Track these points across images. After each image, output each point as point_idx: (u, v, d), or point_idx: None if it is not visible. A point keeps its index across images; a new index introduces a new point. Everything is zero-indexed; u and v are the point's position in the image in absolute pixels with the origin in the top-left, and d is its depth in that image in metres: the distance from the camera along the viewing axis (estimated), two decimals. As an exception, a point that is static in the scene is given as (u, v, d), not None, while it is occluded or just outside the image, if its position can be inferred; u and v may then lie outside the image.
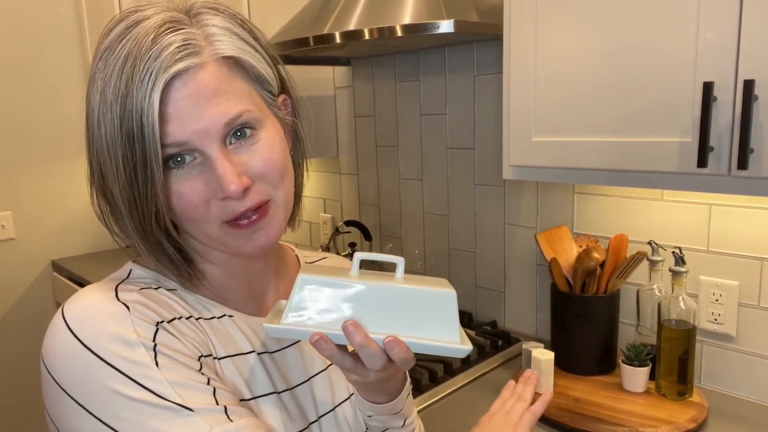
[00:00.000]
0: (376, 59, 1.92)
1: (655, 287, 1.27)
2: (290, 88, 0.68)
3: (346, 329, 0.57)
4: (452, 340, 0.60)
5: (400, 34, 1.29)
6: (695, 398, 1.20)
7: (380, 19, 1.32)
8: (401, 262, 0.63)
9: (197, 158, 0.58)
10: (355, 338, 0.57)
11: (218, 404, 0.56)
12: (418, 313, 0.60)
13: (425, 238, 1.88)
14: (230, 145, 0.59)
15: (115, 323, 0.55)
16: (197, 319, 0.63)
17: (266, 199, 0.61)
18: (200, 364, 0.59)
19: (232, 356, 0.64)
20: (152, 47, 0.55)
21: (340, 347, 0.59)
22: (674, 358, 1.19)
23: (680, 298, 1.19)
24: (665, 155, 0.96)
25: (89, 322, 0.55)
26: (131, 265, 0.66)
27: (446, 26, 1.25)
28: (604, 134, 1.04)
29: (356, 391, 0.73)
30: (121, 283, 0.62)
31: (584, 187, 1.44)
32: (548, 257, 1.37)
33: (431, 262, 1.88)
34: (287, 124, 0.67)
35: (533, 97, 1.12)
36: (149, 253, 0.61)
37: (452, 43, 1.65)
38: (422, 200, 1.86)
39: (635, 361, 1.23)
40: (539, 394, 0.82)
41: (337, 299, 0.59)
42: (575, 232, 1.47)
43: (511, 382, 0.84)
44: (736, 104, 0.87)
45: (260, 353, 0.67)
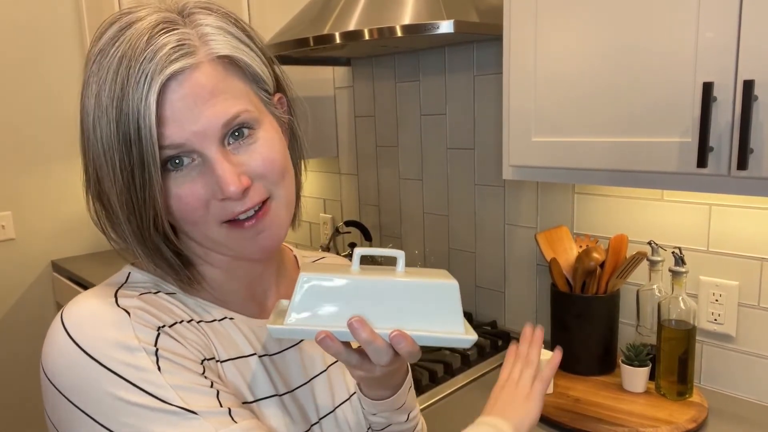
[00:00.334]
0: (376, 59, 1.92)
1: (655, 287, 1.27)
2: (286, 86, 0.68)
3: (351, 326, 0.57)
4: (457, 330, 0.60)
5: (400, 34, 1.29)
6: (695, 398, 1.20)
7: (380, 19, 1.32)
8: (402, 255, 0.63)
9: (196, 160, 0.57)
10: (361, 334, 0.57)
11: (222, 406, 0.56)
12: (421, 305, 0.60)
13: (425, 238, 1.88)
14: (228, 145, 0.58)
15: (115, 329, 0.54)
16: (198, 322, 0.63)
17: (266, 197, 0.60)
18: (203, 367, 0.58)
19: (233, 359, 0.63)
20: (147, 48, 0.54)
21: (345, 344, 0.59)
22: (674, 358, 1.19)
23: (680, 298, 1.19)
24: (665, 155, 0.96)
25: (89, 328, 0.54)
26: (129, 268, 0.66)
27: (446, 26, 1.25)
28: (604, 134, 1.04)
29: (359, 388, 0.73)
30: (120, 288, 0.61)
31: (584, 187, 1.44)
32: (548, 257, 1.37)
33: (431, 262, 1.88)
34: (284, 122, 0.67)
35: (533, 97, 1.12)
36: (147, 257, 0.61)
37: (452, 43, 1.65)
38: (422, 200, 1.86)
39: (635, 361, 1.23)
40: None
41: (339, 296, 0.59)
42: (575, 232, 1.47)
43: (513, 345, 0.79)
44: (735, 104, 0.87)
45: (261, 356, 0.67)
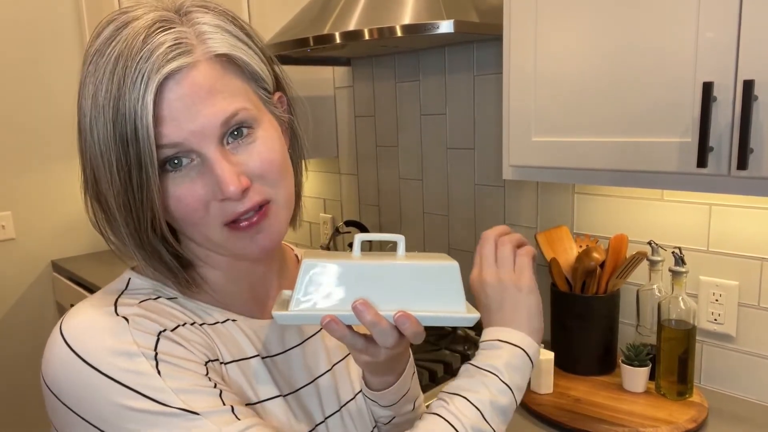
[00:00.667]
0: (376, 59, 1.92)
1: (655, 287, 1.27)
2: (285, 85, 0.67)
3: (356, 309, 0.57)
4: (459, 310, 0.61)
5: (400, 34, 1.29)
6: (695, 398, 1.20)
7: (380, 19, 1.32)
8: (402, 240, 0.64)
9: (194, 160, 0.57)
10: (366, 317, 0.57)
11: (224, 405, 0.56)
12: (423, 287, 0.60)
13: (425, 238, 1.88)
14: (227, 144, 0.58)
15: (114, 337, 0.54)
16: (201, 325, 0.62)
17: (266, 199, 0.60)
18: (207, 369, 0.58)
19: (237, 361, 0.63)
20: (143, 48, 0.53)
21: (349, 328, 0.59)
22: (674, 358, 1.19)
23: (680, 298, 1.19)
24: (665, 155, 0.96)
25: (89, 338, 0.54)
26: (130, 273, 0.65)
27: (446, 26, 1.25)
28: (603, 134, 1.04)
29: (364, 380, 0.73)
30: (120, 296, 0.60)
31: (584, 187, 1.44)
32: (548, 257, 1.37)
33: (431, 262, 1.87)
34: (284, 121, 0.66)
35: (533, 97, 1.12)
36: (145, 261, 0.60)
37: (452, 43, 1.65)
38: (422, 200, 1.86)
39: (635, 361, 1.23)
40: None
41: (343, 281, 0.60)
42: (575, 232, 1.47)
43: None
44: (735, 104, 0.87)
45: (264, 357, 0.66)
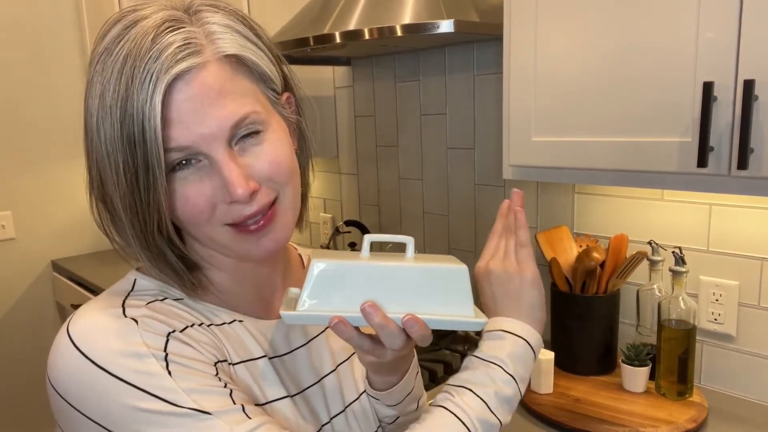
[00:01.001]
0: (376, 59, 1.92)
1: (655, 287, 1.27)
2: (294, 85, 0.66)
3: (364, 311, 0.57)
4: (467, 314, 0.60)
5: (400, 34, 1.29)
6: (695, 398, 1.20)
7: (380, 19, 1.32)
8: (411, 241, 0.63)
9: (202, 161, 0.56)
10: (374, 319, 0.57)
11: (235, 404, 0.55)
12: (431, 290, 0.60)
13: (425, 238, 1.88)
14: (235, 146, 0.57)
15: (123, 339, 0.54)
16: (209, 325, 0.62)
17: (273, 200, 0.60)
18: (216, 368, 0.58)
19: (244, 362, 0.63)
20: (152, 47, 0.52)
21: (356, 329, 0.59)
22: (674, 358, 1.19)
23: (680, 298, 1.19)
24: (665, 155, 0.96)
25: (97, 339, 0.54)
26: (135, 274, 0.65)
27: (446, 26, 1.25)
28: (603, 134, 1.04)
29: (368, 381, 0.73)
30: (127, 297, 0.60)
31: (584, 187, 1.44)
32: (548, 257, 1.37)
33: (431, 262, 1.87)
34: (292, 122, 0.65)
35: (533, 97, 1.12)
36: (151, 262, 0.60)
37: (452, 43, 1.64)
38: (422, 200, 1.86)
39: (635, 361, 1.23)
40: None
41: (351, 282, 0.59)
42: (575, 232, 1.47)
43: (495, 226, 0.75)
44: (736, 104, 0.87)
45: (271, 357, 0.66)
